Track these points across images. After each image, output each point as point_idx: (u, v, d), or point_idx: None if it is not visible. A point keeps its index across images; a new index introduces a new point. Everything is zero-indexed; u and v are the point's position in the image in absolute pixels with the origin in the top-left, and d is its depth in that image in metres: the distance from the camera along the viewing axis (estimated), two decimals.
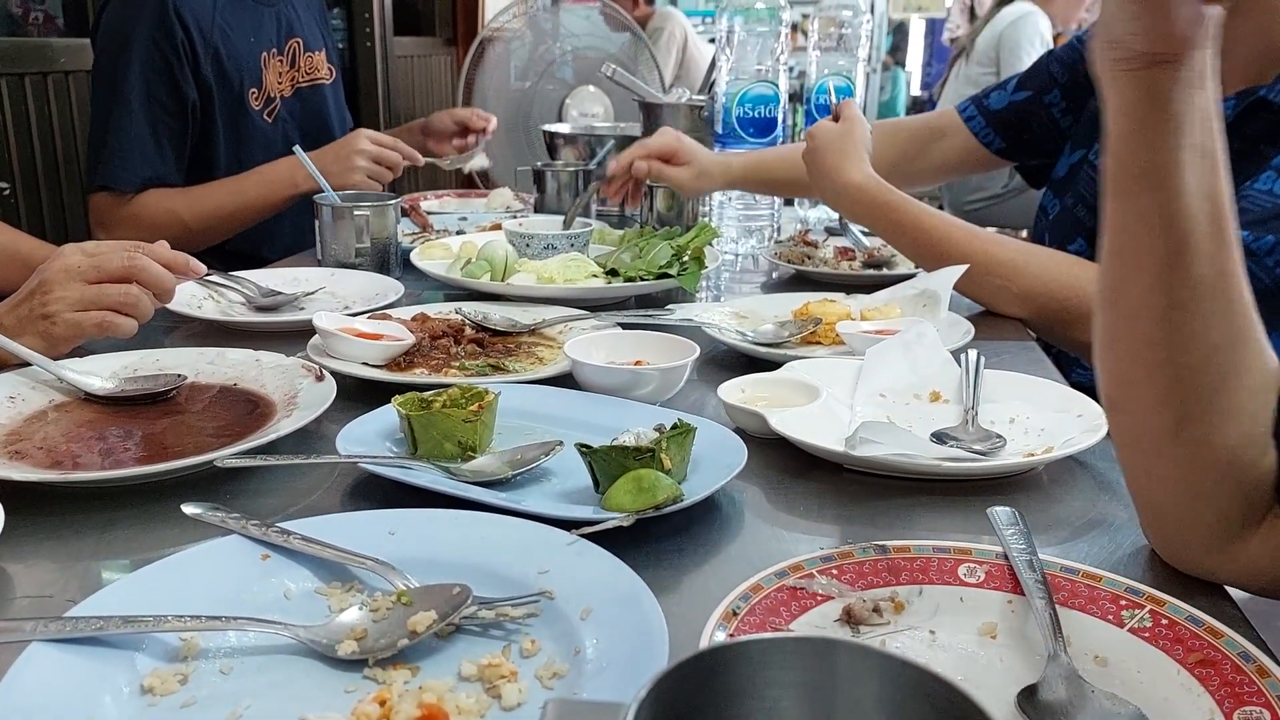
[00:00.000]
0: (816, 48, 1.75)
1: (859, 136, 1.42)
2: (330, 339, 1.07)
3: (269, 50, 1.91)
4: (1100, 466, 0.88)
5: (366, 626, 0.61)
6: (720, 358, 1.17)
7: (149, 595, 0.62)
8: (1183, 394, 0.65)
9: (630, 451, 0.76)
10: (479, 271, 1.37)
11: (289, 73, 1.96)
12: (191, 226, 1.79)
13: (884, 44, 4.19)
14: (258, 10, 1.90)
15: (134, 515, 0.78)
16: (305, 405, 0.93)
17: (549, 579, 0.65)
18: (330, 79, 2.06)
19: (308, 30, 2.01)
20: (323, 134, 2.03)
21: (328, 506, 0.80)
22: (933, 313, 1.20)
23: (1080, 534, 0.77)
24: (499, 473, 0.81)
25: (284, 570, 0.67)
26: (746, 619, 0.60)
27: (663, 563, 0.71)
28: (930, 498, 0.82)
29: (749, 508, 0.81)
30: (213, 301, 1.34)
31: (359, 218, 1.49)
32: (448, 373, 1.06)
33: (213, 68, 1.79)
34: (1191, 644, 0.58)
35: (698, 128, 1.83)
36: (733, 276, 1.61)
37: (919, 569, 0.67)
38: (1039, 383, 1.01)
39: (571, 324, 1.22)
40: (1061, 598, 0.63)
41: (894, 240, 1.40)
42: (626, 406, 0.94)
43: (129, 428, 0.94)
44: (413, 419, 0.84)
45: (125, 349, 1.07)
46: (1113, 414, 0.71)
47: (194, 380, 1.03)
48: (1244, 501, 0.66)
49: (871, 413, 0.96)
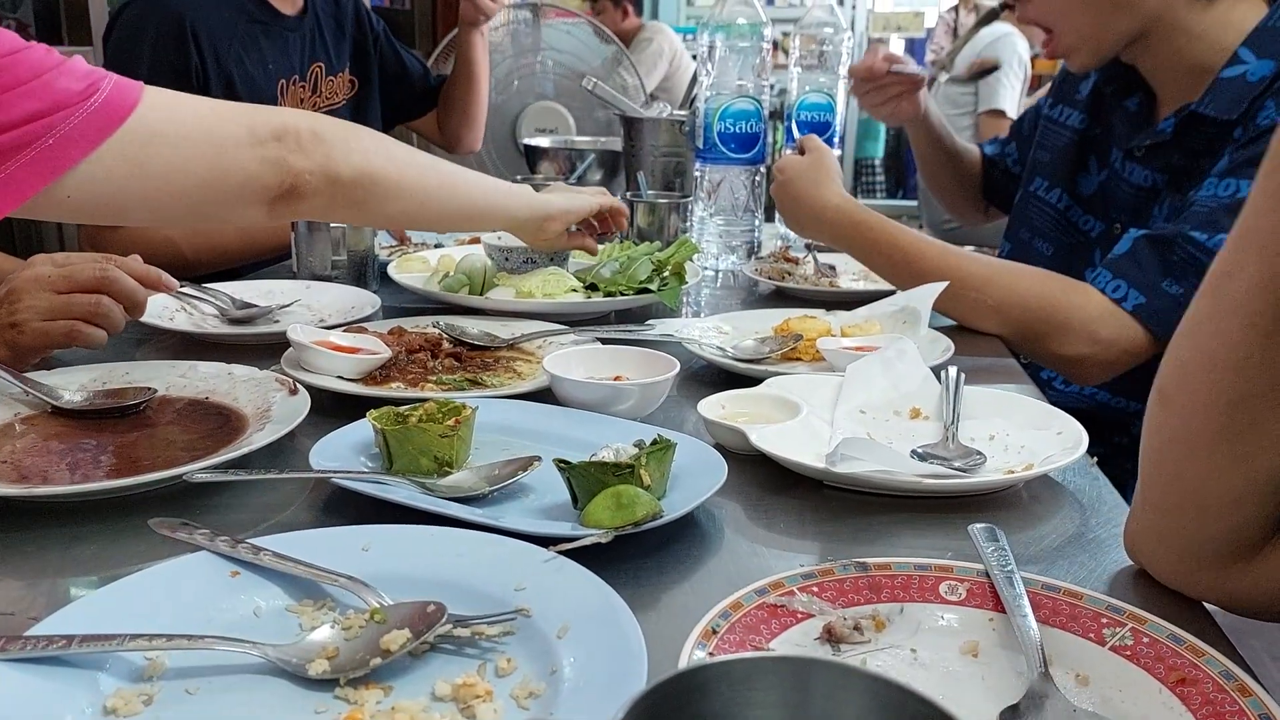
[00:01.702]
0: (798, 65, 1.76)
1: (829, 164, 1.47)
2: (305, 352, 1.06)
3: (289, 77, 1.85)
4: (1080, 484, 0.88)
5: (338, 645, 0.59)
6: (700, 373, 1.16)
7: (114, 613, 0.61)
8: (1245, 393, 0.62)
9: (609, 467, 0.75)
10: (457, 285, 1.36)
11: (310, 99, 1.91)
12: (189, 257, 1.76)
13: None
14: (282, 35, 1.84)
15: (101, 531, 0.77)
16: (278, 419, 0.92)
17: (526, 596, 0.64)
18: (351, 93, 2.00)
19: (330, 52, 1.95)
20: None
21: (300, 522, 0.79)
22: (913, 329, 1.20)
23: (1061, 551, 0.77)
24: (476, 488, 0.80)
25: (254, 587, 0.66)
26: (726, 637, 0.59)
27: (642, 580, 0.70)
28: (911, 515, 0.82)
29: (729, 524, 0.80)
30: (185, 314, 1.32)
31: (335, 230, 1.48)
32: (424, 387, 1.05)
33: (224, 93, 1.73)
34: (1173, 662, 0.58)
35: (679, 142, 1.83)
36: (713, 292, 1.61)
37: (900, 586, 0.66)
38: (1019, 400, 1.01)
39: (550, 339, 1.21)
40: (1043, 615, 0.62)
41: (869, 260, 1.41)
42: (606, 422, 0.93)
43: (97, 442, 0.92)
44: (388, 433, 0.83)
45: (95, 362, 1.06)
46: (1162, 408, 0.67)
47: (165, 393, 1.01)
48: (1267, 516, 0.65)
49: (852, 429, 0.95)
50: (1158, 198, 1.39)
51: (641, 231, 1.65)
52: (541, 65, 2.70)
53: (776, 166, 1.50)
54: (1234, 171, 1.21)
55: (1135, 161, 1.42)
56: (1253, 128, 1.23)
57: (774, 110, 1.78)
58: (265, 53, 1.81)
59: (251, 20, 1.79)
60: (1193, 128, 1.30)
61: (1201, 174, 1.28)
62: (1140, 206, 1.42)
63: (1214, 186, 1.22)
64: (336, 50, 1.97)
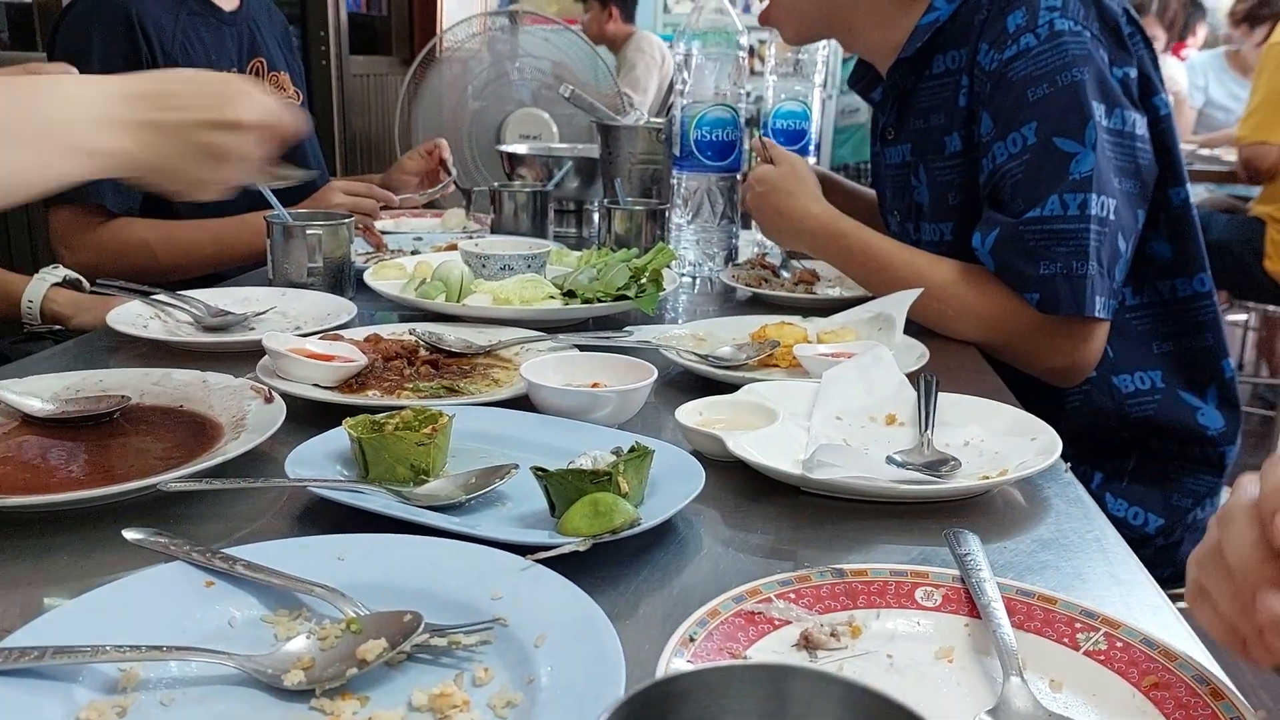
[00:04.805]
0: (773, 73, 1.77)
1: (804, 173, 1.50)
2: (280, 360, 1.05)
3: (230, 69, 1.87)
4: (1054, 489, 0.89)
5: (314, 655, 0.59)
6: (678, 379, 1.16)
7: (87, 624, 0.60)
8: None
9: (587, 475, 0.75)
10: (434, 292, 1.35)
11: None
12: (162, 261, 1.76)
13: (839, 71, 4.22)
14: (219, 28, 1.87)
15: (74, 541, 0.76)
16: (253, 428, 0.91)
17: (503, 605, 0.64)
18: (299, 101, 2.03)
19: (271, 51, 1.98)
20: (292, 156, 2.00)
21: (276, 531, 0.78)
22: (888, 336, 1.21)
23: (1034, 555, 0.77)
24: (453, 496, 0.80)
25: (229, 597, 0.65)
26: (704, 644, 0.59)
27: (619, 588, 0.70)
28: (887, 520, 0.82)
29: (706, 531, 0.80)
30: (159, 321, 1.31)
31: (311, 237, 1.47)
32: (401, 394, 1.04)
33: None
34: (1146, 667, 0.59)
35: (656, 150, 1.84)
36: (691, 298, 1.61)
37: (876, 592, 0.66)
38: (993, 406, 1.02)
39: (528, 345, 1.21)
40: (1017, 620, 0.63)
41: (846, 267, 1.43)
42: (583, 429, 0.93)
43: (70, 450, 0.91)
44: (364, 442, 0.82)
45: (67, 369, 1.04)
46: None
47: (138, 401, 1.00)
48: None
49: (828, 435, 0.96)
50: (911, 169, 1.46)
51: (619, 238, 1.65)
52: (519, 72, 2.70)
53: (752, 177, 1.51)
54: (1009, 126, 1.28)
55: (889, 145, 1.51)
56: (983, 74, 1.31)
57: (750, 118, 1.78)
58: (208, 43, 1.84)
59: (192, 13, 1.82)
60: (909, 80, 1.43)
61: (936, 134, 1.40)
62: (901, 183, 1.50)
63: (1004, 150, 1.28)
64: (273, 50, 1.99)
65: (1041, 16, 1.26)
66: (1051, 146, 1.24)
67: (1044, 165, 1.24)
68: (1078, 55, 1.24)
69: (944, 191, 1.41)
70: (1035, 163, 1.25)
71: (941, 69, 1.39)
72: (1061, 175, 1.23)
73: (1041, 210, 1.23)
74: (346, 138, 3.88)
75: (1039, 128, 1.25)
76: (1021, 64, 1.26)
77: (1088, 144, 1.23)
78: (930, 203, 1.44)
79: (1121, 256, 1.28)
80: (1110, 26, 1.29)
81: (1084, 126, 1.24)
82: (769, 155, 1.51)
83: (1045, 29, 1.26)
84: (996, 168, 1.29)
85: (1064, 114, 1.24)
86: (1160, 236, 1.39)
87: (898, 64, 1.42)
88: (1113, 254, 1.26)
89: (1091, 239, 1.23)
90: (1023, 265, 1.25)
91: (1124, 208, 1.26)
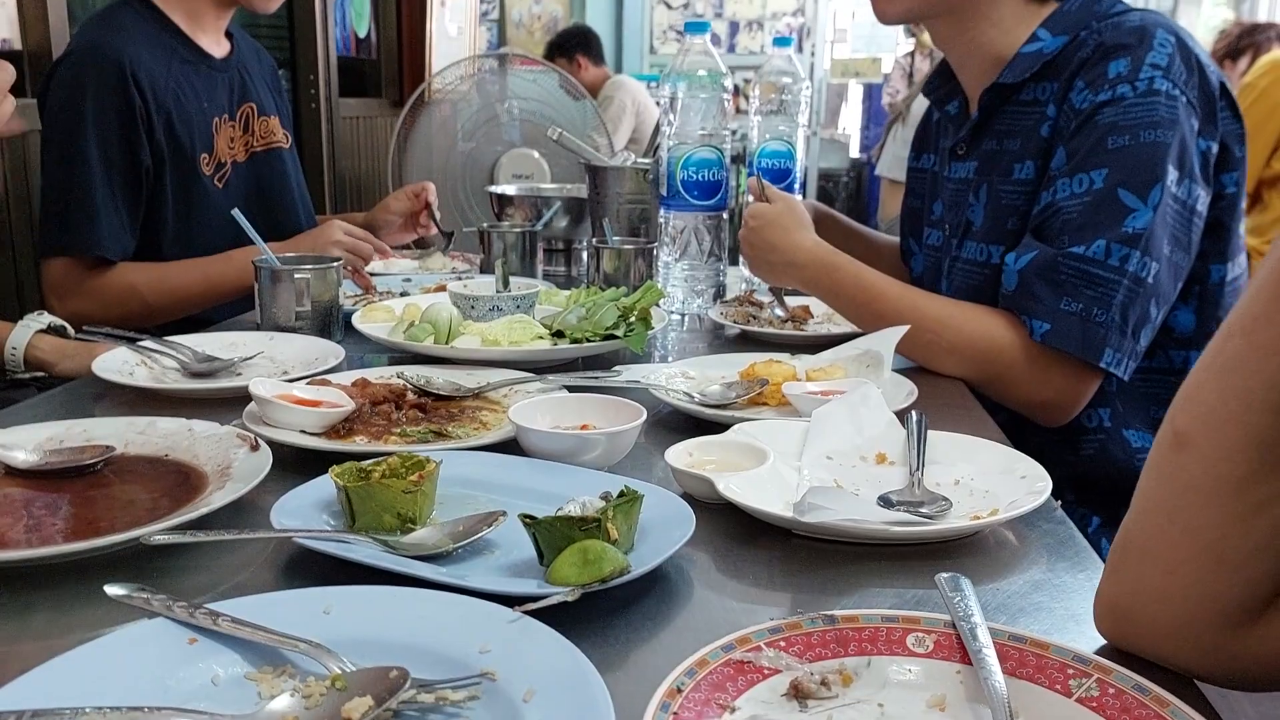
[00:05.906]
0: (758, 112, 1.79)
1: (799, 210, 1.51)
2: (267, 406, 1.05)
3: (221, 115, 1.89)
4: (1045, 528, 0.89)
5: (298, 714, 0.58)
6: (667, 419, 1.16)
7: (67, 684, 0.59)
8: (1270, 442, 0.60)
9: (575, 522, 0.75)
10: (422, 334, 1.35)
11: (242, 138, 1.94)
12: (152, 304, 1.77)
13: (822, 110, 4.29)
14: (211, 75, 1.88)
15: (54, 597, 0.75)
16: (239, 477, 0.90)
17: (491, 659, 0.63)
18: (288, 145, 2.04)
19: (261, 96, 1.99)
20: (282, 199, 2.01)
21: (261, 584, 0.77)
22: (876, 373, 1.21)
23: (1027, 597, 0.77)
24: (440, 546, 0.79)
25: (212, 654, 0.64)
26: (691, 695, 0.59)
27: (609, 638, 0.70)
28: (878, 563, 0.82)
29: (697, 577, 0.79)
30: (145, 368, 1.30)
31: (300, 280, 1.47)
32: (388, 440, 1.04)
33: (165, 132, 1.78)
34: (1138, 713, 0.58)
35: (643, 190, 1.85)
36: (679, 336, 1.61)
37: (867, 639, 0.66)
38: (983, 444, 1.01)
39: (517, 387, 1.20)
40: (1009, 667, 0.62)
41: (837, 303, 1.43)
42: (572, 473, 0.92)
43: (52, 503, 0.90)
44: (350, 490, 0.82)
45: (52, 417, 1.04)
46: (1179, 453, 0.64)
47: (123, 451, 0.99)
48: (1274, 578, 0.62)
49: (819, 475, 0.95)
50: (972, 186, 1.46)
51: (608, 277, 1.66)
52: (508, 113, 2.72)
53: (748, 213, 1.52)
54: (1080, 166, 1.27)
55: (957, 160, 1.50)
56: (1072, 111, 1.30)
57: (735, 155, 1.80)
58: (200, 91, 1.85)
59: (183, 61, 1.84)
60: (997, 103, 1.41)
61: (1007, 158, 1.39)
62: (958, 199, 1.49)
63: (1067, 187, 1.28)
64: (263, 94, 2.01)
65: (1144, 72, 1.25)
66: (1114, 196, 1.23)
67: (1101, 210, 1.23)
68: (1167, 118, 1.24)
69: (1005, 216, 1.39)
70: (1094, 206, 1.24)
71: (1030, 97, 1.37)
72: (1115, 224, 1.23)
73: (1085, 249, 1.23)
74: (336, 180, 3.89)
75: (1108, 175, 1.24)
76: (1111, 110, 1.25)
77: (1150, 204, 1.22)
78: (984, 223, 1.43)
79: (1150, 322, 1.26)
80: (1207, 96, 1.28)
81: (1152, 186, 1.23)
82: (765, 194, 1.53)
83: (1144, 84, 1.25)
84: (1054, 202, 1.28)
85: (1136, 169, 1.23)
86: (1188, 308, 1.37)
87: (995, 87, 1.39)
88: (1142, 316, 1.25)
89: (1121, 293, 1.22)
90: (1045, 293, 1.25)
91: (1166, 275, 1.25)
